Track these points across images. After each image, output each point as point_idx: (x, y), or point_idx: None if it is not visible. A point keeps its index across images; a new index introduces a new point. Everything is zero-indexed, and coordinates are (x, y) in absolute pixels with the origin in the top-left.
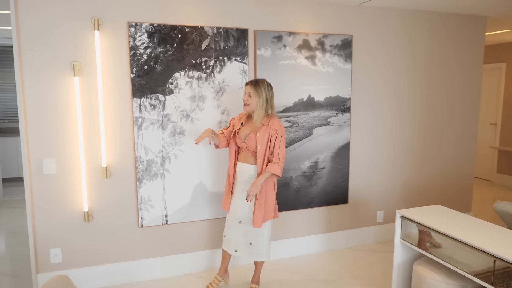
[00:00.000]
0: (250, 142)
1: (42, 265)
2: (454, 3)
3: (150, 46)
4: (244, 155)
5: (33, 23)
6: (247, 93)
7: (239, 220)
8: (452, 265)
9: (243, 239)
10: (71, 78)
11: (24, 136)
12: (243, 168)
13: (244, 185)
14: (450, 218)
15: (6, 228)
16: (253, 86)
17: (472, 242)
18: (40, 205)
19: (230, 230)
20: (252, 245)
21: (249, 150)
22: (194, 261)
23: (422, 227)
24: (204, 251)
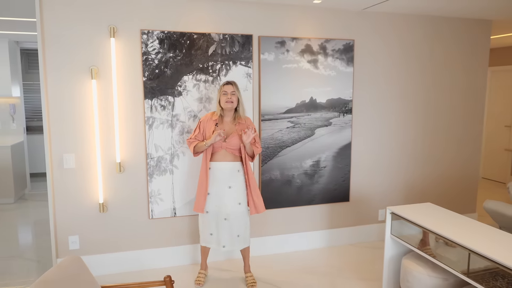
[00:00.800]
0: (233, 141)
1: (62, 251)
2: (458, 8)
3: (161, 52)
4: (222, 154)
5: (56, 30)
6: (229, 92)
7: (224, 217)
8: (433, 259)
9: (230, 234)
10: (89, 81)
11: (47, 133)
12: (223, 167)
13: (227, 182)
14: (437, 215)
15: (32, 219)
16: (235, 85)
17: (451, 236)
18: (60, 196)
19: (216, 229)
20: (239, 237)
21: (228, 149)
22: (198, 252)
23: (414, 224)
24: None
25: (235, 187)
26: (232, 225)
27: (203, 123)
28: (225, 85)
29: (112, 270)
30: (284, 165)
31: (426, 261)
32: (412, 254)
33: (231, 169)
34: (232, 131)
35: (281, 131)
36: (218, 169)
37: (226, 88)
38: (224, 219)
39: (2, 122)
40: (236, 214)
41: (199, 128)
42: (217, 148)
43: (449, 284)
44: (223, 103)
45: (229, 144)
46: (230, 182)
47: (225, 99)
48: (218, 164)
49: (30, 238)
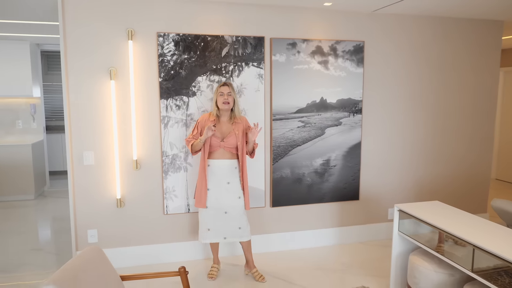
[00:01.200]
0: (230, 140)
1: (81, 244)
2: (468, 9)
3: (176, 53)
4: (221, 152)
5: (77, 34)
6: (226, 93)
7: (224, 211)
8: (440, 255)
9: (231, 226)
10: (108, 82)
11: (68, 131)
12: (222, 164)
13: (226, 178)
14: (444, 213)
15: (52, 215)
16: (231, 86)
17: (456, 233)
18: (80, 192)
19: (216, 223)
20: (240, 229)
21: (226, 148)
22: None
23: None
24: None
25: (233, 183)
26: (233, 218)
27: (201, 123)
28: (221, 86)
29: (129, 263)
30: (294, 164)
31: (432, 257)
32: (419, 250)
33: (229, 166)
34: (229, 131)
35: (292, 131)
36: (217, 166)
37: (222, 89)
38: (225, 213)
39: (23, 121)
40: (236, 208)
41: (197, 128)
42: (216, 147)
43: (455, 279)
44: (220, 104)
45: (227, 143)
46: (229, 178)
47: (222, 100)
48: (217, 162)
49: (50, 232)
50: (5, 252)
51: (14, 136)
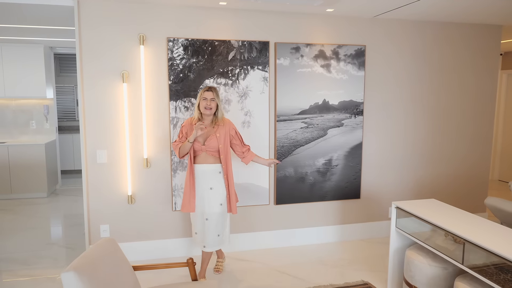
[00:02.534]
0: (211, 143)
1: (94, 238)
2: (468, 14)
3: (185, 58)
4: (203, 156)
5: (92, 39)
6: (209, 98)
7: (205, 217)
8: (433, 249)
9: (211, 233)
10: (120, 84)
11: (83, 131)
12: (205, 169)
13: (209, 183)
14: (439, 210)
15: (64, 212)
16: (215, 92)
17: (448, 227)
18: (93, 188)
19: (200, 228)
20: (219, 236)
21: (208, 151)
22: None
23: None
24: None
25: (216, 188)
26: (213, 225)
27: (186, 128)
28: (205, 91)
29: (139, 257)
30: (298, 163)
31: (427, 252)
32: (415, 246)
33: (212, 171)
34: (210, 134)
35: (295, 131)
36: (200, 171)
37: (206, 95)
38: (206, 219)
39: (36, 121)
40: (216, 215)
41: (182, 132)
42: (198, 151)
43: (448, 273)
44: (202, 109)
45: (208, 146)
46: (211, 183)
47: (204, 105)
48: (200, 166)
49: (63, 228)
50: (23, 246)
51: (27, 136)
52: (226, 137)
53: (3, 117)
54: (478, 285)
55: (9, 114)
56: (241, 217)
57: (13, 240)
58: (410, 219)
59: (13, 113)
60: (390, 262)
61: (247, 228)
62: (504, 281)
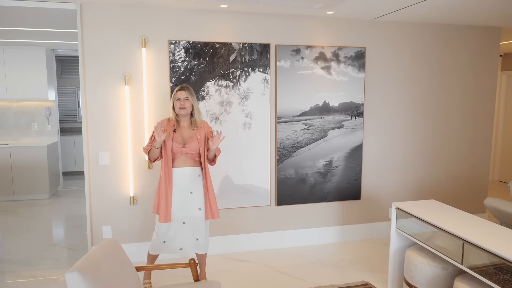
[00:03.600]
0: (192, 146)
1: (96, 240)
2: (467, 17)
3: (186, 60)
4: (183, 159)
5: (94, 41)
6: (182, 98)
7: (183, 221)
8: (433, 249)
9: (188, 236)
10: (122, 86)
11: (85, 133)
12: (184, 172)
13: (188, 187)
14: (439, 211)
15: (66, 214)
16: (189, 91)
17: (447, 228)
18: (96, 190)
19: (172, 235)
20: (197, 240)
21: (188, 154)
22: (221, 244)
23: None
24: (229, 235)
25: (195, 192)
26: (191, 229)
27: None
28: (178, 91)
29: (141, 258)
30: (298, 164)
31: (427, 252)
32: (415, 246)
33: (192, 174)
34: (190, 136)
35: (295, 133)
36: (179, 174)
37: (179, 94)
38: (183, 223)
39: (38, 123)
40: (196, 219)
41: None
42: (177, 153)
43: (447, 273)
44: (177, 109)
45: (189, 149)
46: (191, 187)
47: (179, 105)
48: (179, 170)
49: (65, 229)
50: (26, 247)
51: (29, 137)
52: (206, 139)
53: (5, 119)
54: (478, 285)
55: (11, 116)
56: (242, 218)
57: (16, 241)
58: (410, 220)
59: (15, 115)
60: (390, 263)
61: (248, 229)
62: (503, 281)
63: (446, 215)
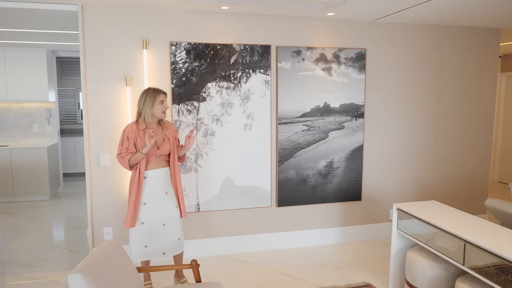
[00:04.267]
0: (165, 147)
1: (97, 241)
2: (467, 19)
3: (187, 61)
4: (156, 161)
5: (95, 43)
6: (165, 101)
7: (162, 223)
8: (434, 250)
9: (170, 239)
10: (123, 88)
11: (86, 134)
12: (159, 174)
13: (163, 188)
14: (440, 211)
15: (66, 215)
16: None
17: (448, 229)
18: (97, 191)
19: (153, 239)
20: (179, 240)
21: (161, 156)
22: (222, 245)
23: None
24: (230, 236)
25: (170, 192)
26: (172, 229)
27: (132, 134)
28: (161, 94)
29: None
30: (299, 166)
31: (428, 253)
32: (416, 247)
33: (166, 174)
34: (161, 138)
35: (296, 134)
36: (154, 177)
37: (163, 98)
38: (163, 225)
39: (38, 125)
40: (174, 219)
41: (128, 140)
42: (151, 156)
43: (449, 274)
44: (160, 113)
45: (162, 150)
46: (166, 187)
47: (162, 109)
48: (154, 172)
49: (65, 231)
50: (26, 249)
51: (30, 139)
52: (173, 139)
53: (5, 120)
54: (479, 286)
55: (12, 117)
56: (243, 219)
57: (16, 243)
58: (411, 221)
59: (16, 116)
60: (391, 264)
61: (248, 230)
62: (504, 282)
63: (447, 216)
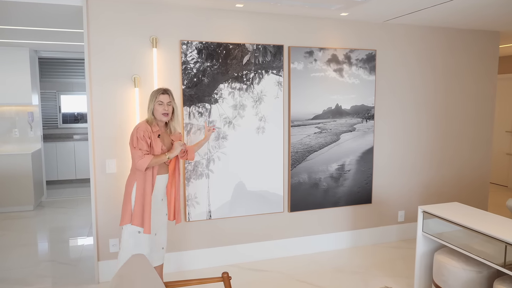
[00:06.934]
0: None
1: (103, 254)
2: (469, 21)
3: (199, 61)
4: (162, 166)
5: (101, 41)
6: (165, 102)
7: (154, 233)
8: (469, 253)
9: (158, 248)
10: (132, 89)
11: (91, 139)
12: (164, 180)
13: (161, 193)
14: (466, 212)
15: (54, 226)
16: (171, 95)
17: (486, 231)
18: (102, 200)
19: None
20: (163, 249)
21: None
22: (234, 253)
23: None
24: (242, 244)
25: (164, 199)
26: (162, 239)
27: (147, 134)
28: (160, 94)
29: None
30: (311, 169)
31: (459, 256)
32: (444, 249)
33: (165, 181)
34: (169, 142)
35: (309, 137)
36: (160, 182)
37: (162, 98)
38: (155, 234)
39: (20, 130)
40: (163, 226)
41: (145, 140)
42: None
43: (482, 276)
44: (159, 115)
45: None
46: (163, 194)
47: (161, 111)
48: (161, 177)
49: (58, 243)
50: (18, 264)
51: (10, 145)
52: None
53: None
54: None
55: None
56: (256, 226)
57: (5, 258)
58: (436, 222)
59: None
60: (416, 267)
61: (261, 237)
62: None
63: (478, 217)
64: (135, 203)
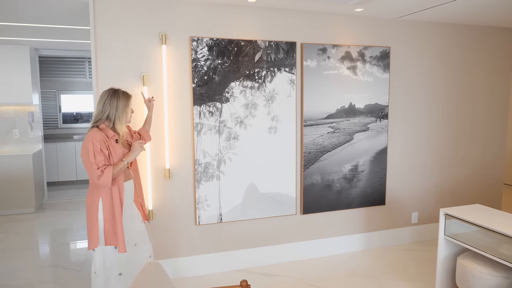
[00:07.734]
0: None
1: None
2: (482, 16)
3: (209, 59)
4: (124, 172)
5: (108, 38)
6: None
7: (134, 243)
8: (498, 258)
9: (143, 258)
10: (140, 88)
11: None
12: (129, 186)
13: (130, 200)
14: (491, 215)
15: (57, 229)
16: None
17: None
18: None
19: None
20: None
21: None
22: (245, 258)
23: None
24: (254, 248)
25: (134, 205)
26: (145, 247)
27: (104, 144)
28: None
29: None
30: (324, 170)
31: (484, 260)
32: (467, 253)
33: (132, 186)
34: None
35: (322, 136)
36: (128, 189)
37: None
38: (135, 245)
39: (20, 130)
40: (142, 233)
41: (103, 152)
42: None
43: (510, 282)
44: (128, 119)
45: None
46: (132, 200)
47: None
48: (127, 184)
49: (62, 247)
50: (25, 269)
51: (10, 146)
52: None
53: None
54: None
55: None
56: (268, 229)
57: (8, 263)
58: (459, 226)
59: None
60: (438, 272)
61: (273, 241)
62: None
63: (504, 220)
64: (104, 221)
